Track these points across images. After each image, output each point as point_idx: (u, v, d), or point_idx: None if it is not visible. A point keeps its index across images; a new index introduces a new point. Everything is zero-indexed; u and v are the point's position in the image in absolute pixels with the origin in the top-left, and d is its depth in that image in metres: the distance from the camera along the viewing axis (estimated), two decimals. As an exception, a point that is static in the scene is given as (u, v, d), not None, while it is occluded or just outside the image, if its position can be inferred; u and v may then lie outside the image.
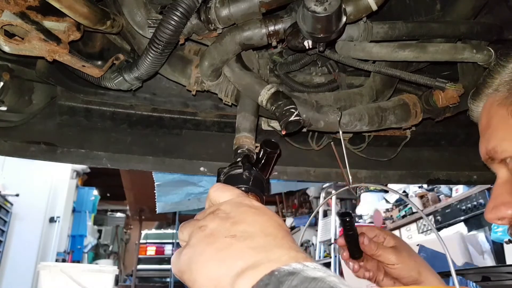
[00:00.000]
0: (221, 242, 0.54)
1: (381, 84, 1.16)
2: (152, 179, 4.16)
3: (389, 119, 1.11)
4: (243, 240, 0.53)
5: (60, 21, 0.95)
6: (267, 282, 0.43)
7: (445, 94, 1.11)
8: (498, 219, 0.75)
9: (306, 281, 0.41)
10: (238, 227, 0.56)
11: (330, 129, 1.06)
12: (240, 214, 0.59)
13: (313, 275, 0.41)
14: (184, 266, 0.57)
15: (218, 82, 1.06)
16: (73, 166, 7.80)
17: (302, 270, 0.43)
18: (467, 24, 1.10)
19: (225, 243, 0.54)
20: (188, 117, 1.31)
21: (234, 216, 0.58)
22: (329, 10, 0.80)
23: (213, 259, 0.53)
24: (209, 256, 0.53)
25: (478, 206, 4.31)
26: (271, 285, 0.42)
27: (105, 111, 1.26)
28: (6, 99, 1.17)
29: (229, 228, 0.56)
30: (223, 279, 0.50)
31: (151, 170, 1.38)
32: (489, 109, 0.74)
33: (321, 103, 1.08)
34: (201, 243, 0.56)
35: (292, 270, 0.43)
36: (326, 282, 0.40)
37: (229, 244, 0.53)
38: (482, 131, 0.78)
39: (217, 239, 0.55)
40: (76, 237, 8.91)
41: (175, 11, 0.87)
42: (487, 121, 0.75)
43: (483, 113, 0.77)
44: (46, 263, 3.15)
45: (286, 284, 0.41)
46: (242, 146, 0.94)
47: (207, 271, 0.53)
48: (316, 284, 0.40)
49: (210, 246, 0.54)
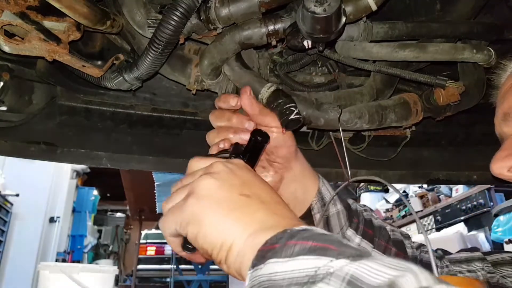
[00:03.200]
0: (236, 200, 0.54)
1: (382, 83, 1.16)
2: (152, 179, 4.17)
3: (389, 118, 1.11)
4: (258, 203, 0.54)
5: (60, 21, 0.95)
6: (280, 236, 0.46)
7: (446, 92, 1.11)
8: (511, 168, 0.74)
9: (315, 235, 0.44)
10: (250, 187, 0.57)
11: (331, 126, 1.06)
12: (245, 174, 0.60)
13: (322, 232, 0.46)
14: (190, 217, 0.55)
15: (218, 80, 1.07)
16: (73, 166, 7.81)
17: (312, 228, 0.47)
18: (467, 24, 1.10)
19: (241, 202, 0.54)
20: (188, 117, 1.32)
21: (239, 174, 0.59)
22: (329, 11, 0.80)
23: (227, 215, 0.53)
24: (224, 212, 0.53)
25: (478, 206, 4.31)
26: (284, 238, 0.45)
27: (105, 111, 1.27)
28: (6, 99, 1.17)
29: (241, 185, 0.56)
30: (236, 236, 0.51)
31: (151, 170, 1.38)
32: None
33: (321, 101, 1.08)
34: (213, 196, 0.55)
35: (304, 228, 0.46)
36: (333, 236, 0.44)
37: (245, 204, 0.54)
38: (509, 88, 0.81)
39: (231, 195, 0.55)
40: (76, 237, 8.93)
41: (175, 11, 0.87)
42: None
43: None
44: (46, 263, 3.15)
45: (298, 236, 0.44)
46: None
47: (220, 227, 0.52)
48: (325, 237, 0.44)
49: (224, 203, 0.54)
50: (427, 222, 5.19)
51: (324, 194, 0.91)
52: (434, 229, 5.00)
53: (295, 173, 0.88)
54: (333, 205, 0.91)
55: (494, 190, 4.16)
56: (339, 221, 0.91)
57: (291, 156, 0.87)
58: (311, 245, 0.42)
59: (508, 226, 3.55)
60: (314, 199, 0.90)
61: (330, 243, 0.42)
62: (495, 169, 0.76)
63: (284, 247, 0.43)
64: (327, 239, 0.43)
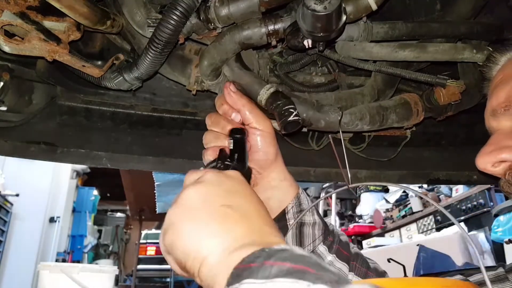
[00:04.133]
0: (216, 211, 0.52)
1: (383, 84, 1.16)
2: (152, 179, 4.17)
3: (390, 118, 1.11)
4: (239, 216, 0.51)
5: (60, 21, 0.95)
6: (258, 255, 0.44)
7: (446, 91, 1.11)
8: (495, 163, 0.73)
9: (294, 256, 0.43)
10: (234, 198, 0.54)
11: (331, 128, 1.06)
12: (233, 184, 0.57)
13: (301, 253, 0.44)
14: (169, 225, 0.53)
15: (218, 81, 1.06)
16: (73, 166, 7.81)
17: (291, 248, 0.45)
18: (467, 24, 1.10)
19: (221, 213, 0.51)
20: (188, 117, 1.31)
21: (227, 184, 0.56)
22: (329, 8, 0.80)
23: (204, 226, 0.50)
24: (201, 222, 0.51)
25: (478, 206, 4.31)
26: (261, 258, 0.43)
27: (105, 111, 1.26)
28: (6, 99, 1.17)
29: (225, 196, 0.54)
30: (211, 250, 0.49)
31: (151, 170, 1.38)
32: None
33: (322, 103, 1.08)
34: (193, 205, 0.53)
35: (282, 248, 0.45)
36: (313, 258, 0.43)
37: (225, 215, 0.51)
38: (499, 83, 0.80)
39: (212, 206, 0.52)
40: (76, 237, 8.93)
41: (174, 10, 0.87)
42: (507, 73, 0.79)
43: (503, 68, 0.82)
44: (46, 263, 3.14)
45: (276, 256, 0.43)
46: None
47: (195, 238, 0.50)
48: (304, 258, 0.42)
49: (203, 213, 0.52)
50: (427, 222, 5.19)
51: (302, 201, 0.88)
52: (434, 229, 5.01)
53: (271, 181, 0.85)
54: (310, 214, 0.88)
55: (494, 190, 4.17)
56: (312, 232, 0.87)
57: (267, 163, 0.84)
58: (289, 267, 0.41)
59: (508, 226, 3.55)
60: (290, 203, 0.87)
61: (308, 266, 0.41)
62: (480, 163, 0.75)
63: (262, 267, 0.42)
64: (306, 261, 0.42)
